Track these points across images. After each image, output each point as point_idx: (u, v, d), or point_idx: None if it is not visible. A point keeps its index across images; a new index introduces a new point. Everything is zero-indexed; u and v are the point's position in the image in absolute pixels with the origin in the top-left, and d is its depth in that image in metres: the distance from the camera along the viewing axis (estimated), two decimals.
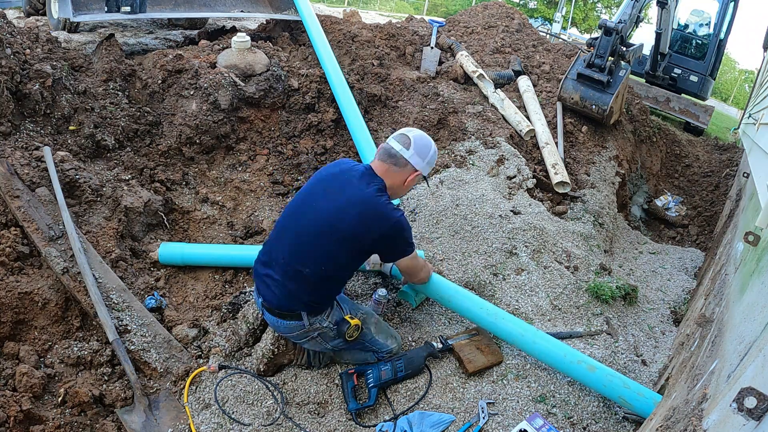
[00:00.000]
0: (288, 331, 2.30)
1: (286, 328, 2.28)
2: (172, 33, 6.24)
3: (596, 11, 26.20)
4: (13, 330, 2.37)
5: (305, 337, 2.30)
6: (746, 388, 0.94)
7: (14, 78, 3.08)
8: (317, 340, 2.32)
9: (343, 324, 2.27)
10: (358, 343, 2.41)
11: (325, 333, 2.29)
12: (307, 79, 4.37)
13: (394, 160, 2.24)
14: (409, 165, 2.24)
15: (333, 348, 2.39)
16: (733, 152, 6.47)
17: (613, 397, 2.30)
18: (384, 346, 2.47)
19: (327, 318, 2.28)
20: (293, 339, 2.37)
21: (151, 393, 2.33)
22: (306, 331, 2.26)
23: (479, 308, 2.61)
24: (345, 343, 2.35)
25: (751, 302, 1.60)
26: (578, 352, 2.43)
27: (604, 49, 4.66)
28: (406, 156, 2.23)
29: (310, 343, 2.36)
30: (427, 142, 2.30)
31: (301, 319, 2.22)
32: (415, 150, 2.24)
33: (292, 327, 2.26)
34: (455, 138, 4.43)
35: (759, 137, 3.31)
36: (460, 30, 6.66)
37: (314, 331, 2.27)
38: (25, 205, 2.62)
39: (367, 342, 2.43)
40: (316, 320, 2.24)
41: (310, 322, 2.23)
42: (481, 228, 3.36)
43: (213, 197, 3.68)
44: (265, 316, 2.33)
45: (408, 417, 2.27)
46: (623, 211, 5.00)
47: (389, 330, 2.54)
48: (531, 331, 2.51)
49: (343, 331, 2.27)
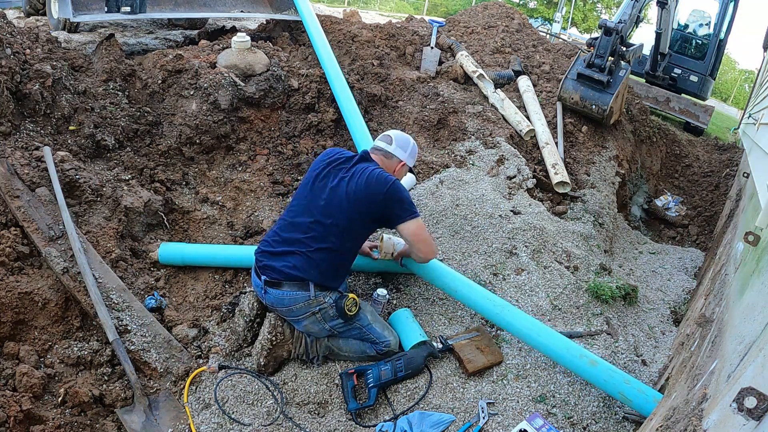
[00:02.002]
0: (291, 303, 2.37)
1: (291, 300, 2.36)
2: (172, 33, 6.23)
3: (596, 11, 26.20)
4: (13, 330, 2.37)
5: (306, 311, 2.38)
6: (746, 388, 0.94)
7: (14, 78, 3.08)
8: (317, 317, 2.41)
9: (342, 298, 2.41)
10: (356, 329, 2.49)
11: (325, 310, 2.41)
12: (307, 79, 4.37)
13: (383, 152, 2.71)
14: (395, 157, 2.70)
15: (331, 329, 2.46)
16: (733, 152, 6.47)
17: (614, 393, 2.31)
18: (381, 336, 2.53)
19: (329, 295, 2.42)
20: (294, 316, 2.42)
21: (151, 393, 2.33)
22: (309, 303, 2.37)
23: (485, 299, 2.67)
24: (343, 325, 2.45)
25: (751, 302, 1.60)
26: (580, 347, 2.45)
27: (604, 49, 4.66)
28: (390, 150, 2.70)
29: (309, 320, 2.42)
30: (405, 138, 2.79)
31: (308, 289, 2.35)
32: (397, 144, 2.72)
33: (297, 298, 2.36)
34: (455, 138, 4.43)
35: (759, 137, 3.31)
36: (460, 30, 6.66)
37: (317, 305, 2.39)
38: (25, 205, 2.62)
39: (365, 328, 2.50)
40: (321, 294, 2.39)
41: (315, 294, 2.36)
42: (481, 228, 3.36)
43: (213, 197, 3.68)
44: (268, 297, 2.40)
45: (408, 417, 2.27)
46: (623, 211, 5.00)
47: (385, 323, 2.64)
48: (536, 324, 2.55)
49: (341, 306, 2.39)
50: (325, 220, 2.41)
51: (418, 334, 2.59)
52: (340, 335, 2.52)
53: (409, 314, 2.74)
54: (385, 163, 2.67)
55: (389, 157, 2.70)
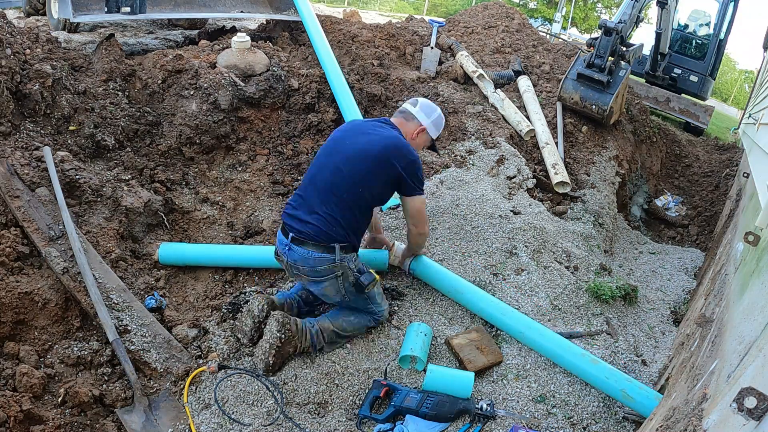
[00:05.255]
0: (316, 264, 2.39)
1: (316, 261, 2.39)
2: (172, 33, 6.23)
3: (596, 11, 26.18)
4: (13, 330, 2.37)
5: (330, 273, 2.41)
6: (746, 388, 0.94)
7: (14, 78, 3.08)
8: (339, 281, 2.44)
9: (368, 276, 2.47)
10: (363, 299, 2.54)
11: (346, 275, 2.45)
12: (307, 79, 4.37)
13: (404, 114, 2.67)
14: (416, 119, 2.64)
15: (343, 298, 2.51)
16: (733, 152, 6.47)
17: (615, 391, 2.32)
18: (380, 307, 2.63)
19: (354, 261, 2.46)
20: (317, 276, 2.44)
21: (151, 393, 2.33)
22: (334, 266, 2.40)
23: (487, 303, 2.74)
24: (355, 295, 2.51)
25: (751, 302, 1.60)
26: (581, 348, 2.47)
27: (604, 49, 4.66)
28: (413, 111, 2.65)
29: (329, 282, 2.44)
30: (432, 105, 2.73)
31: (334, 252, 2.37)
32: (421, 108, 2.67)
33: (323, 260, 2.38)
34: (455, 138, 4.43)
35: (759, 137, 3.31)
36: (460, 30, 6.65)
37: (341, 268, 2.42)
38: (25, 205, 2.62)
39: (372, 300, 2.56)
40: (346, 258, 2.42)
41: (341, 257, 2.39)
42: (481, 228, 3.36)
43: (213, 197, 3.68)
44: (292, 254, 2.42)
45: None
46: (623, 211, 5.00)
47: (382, 292, 2.73)
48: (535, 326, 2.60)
49: (364, 283, 2.44)
50: (342, 177, 2.42)
51: (409, 348, 2.46)
52: (348, 303, 2.55)
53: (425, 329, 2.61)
54: (404, 126, 2.62)
55: (409, 119, 2.65)
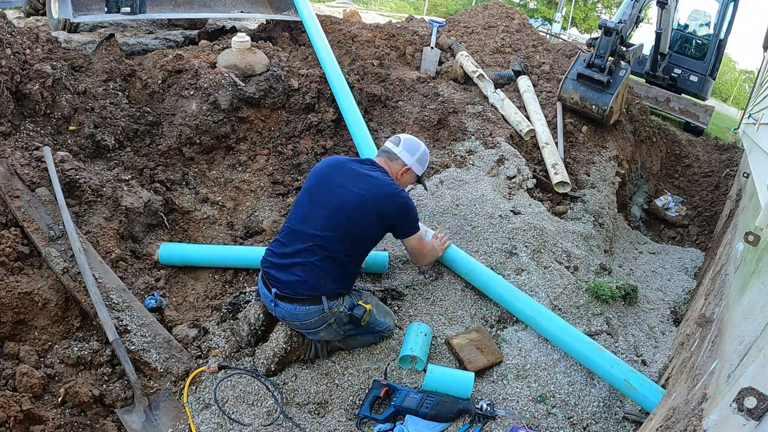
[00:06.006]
0: (306, 318, 2.34)
1: (305, 315, 2.33)
2: (172, 33, 6.23)
3: (596, 11, 26.18)
4: (13, 330, 2.37)
5: (323, 323, 2.36)
6: (746, 388, 0.94)
7: (14, 78, 3.08)
8: (333, 327, 2.39)
9: (358, 309, 2.38)
10: (365, 327, 2.48)
11: (340, 318, 2.39)
12: (307, 79, 4.37)
13: (388, 154, 2.64)
14: (399, 159, 2.61)
15: (344, 333, 2.46)
16: (733, 152, 6.47)
17: (618, 380, 2.35)
18: (384, 324, 2.57)
19: (342, 304, 2.39)
20: (309, 328, 2.38)
21: (151, 393, 2.33)
22: (324, 316, 2.34)
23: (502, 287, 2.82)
24: (355, 328, 2.44)
25: (751, 302, 1.60)
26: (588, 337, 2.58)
27: (604, 49, 4.66)
28: (396, 151, 2.62)
29: (325, 331, 2.39)
30: (415, 142, 2.68)
31: (321, 303, 2.31)
32: (404, 147, 2.63)
33: (311, 312, 2.32)
34: (455, 138, 4.43)
35: (759, 137, 3.31)
36: (460, 30, 6.65)
37: (332, 316, 2.36)
38: (25, 205, 2.62)
39: (372, 323, 2.51)
40: (334, 305, 2.36)
41: (329, 306, 2.33)
42: (481, 228, 3.36)
43: (213, 197, 3.68)
44: (279, 309, 2.37)
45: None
46: (623, 211, 5.00)
47: (385, 308, 2.68)
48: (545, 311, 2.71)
49: (357, 317, 2.36)
50: (330, 227, 2.35)
51: (409, 348, 2.47)
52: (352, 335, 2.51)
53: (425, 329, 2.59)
54: (389, 166, 2.59)
55: (393, 159, 2.61)
